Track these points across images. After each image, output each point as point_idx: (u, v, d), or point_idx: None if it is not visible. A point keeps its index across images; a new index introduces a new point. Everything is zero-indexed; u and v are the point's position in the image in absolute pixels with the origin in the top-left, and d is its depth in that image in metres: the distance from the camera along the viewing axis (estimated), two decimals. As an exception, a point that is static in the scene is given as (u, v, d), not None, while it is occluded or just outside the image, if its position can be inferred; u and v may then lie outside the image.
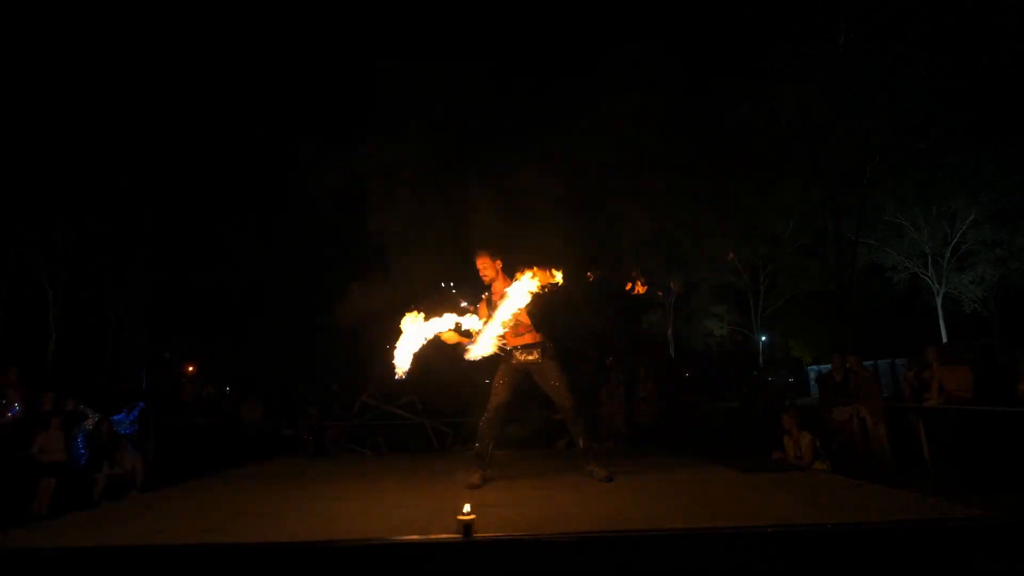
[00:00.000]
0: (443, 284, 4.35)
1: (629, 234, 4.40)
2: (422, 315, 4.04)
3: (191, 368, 21.72)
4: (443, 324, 4.03)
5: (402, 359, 4.02)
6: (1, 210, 15.23)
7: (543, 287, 3.81)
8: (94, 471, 6.03)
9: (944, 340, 18.44)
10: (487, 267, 4.02)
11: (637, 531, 2.47)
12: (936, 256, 19.31)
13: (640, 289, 4.13)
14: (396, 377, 4.04)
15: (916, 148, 16.47)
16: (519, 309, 3.85)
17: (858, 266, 18.08)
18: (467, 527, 2.34)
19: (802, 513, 2.77)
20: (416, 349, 4.02)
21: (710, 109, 17.14)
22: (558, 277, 3.83)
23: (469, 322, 4.04)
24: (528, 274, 3.80)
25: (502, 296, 3.87)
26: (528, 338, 4.01)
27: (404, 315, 4.05)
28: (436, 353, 4.15)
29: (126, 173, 17.22)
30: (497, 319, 3.85)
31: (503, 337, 3.99)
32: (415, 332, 4.00)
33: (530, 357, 3.99)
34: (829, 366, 7.06)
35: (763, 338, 25.23)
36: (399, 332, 4.04)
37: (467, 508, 2.43)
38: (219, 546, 2.48)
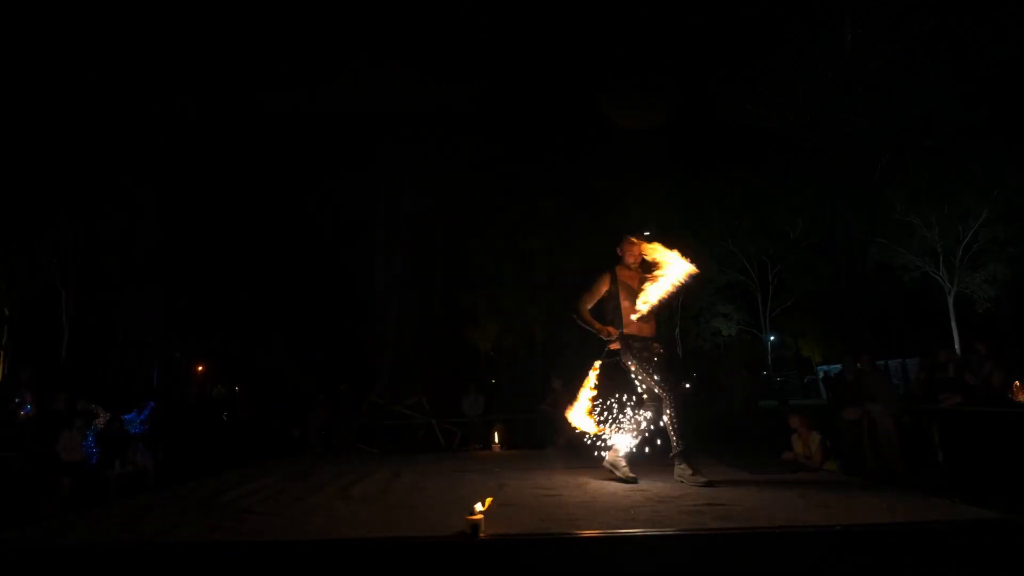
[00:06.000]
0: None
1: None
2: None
3: (201, 368, 21.86)
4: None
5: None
6: (12, 211, 15.40)
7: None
8: (106, 469, 6.10)
9: (956, 340, 18.23)
10: (639, 253, 4.00)
11: (646, 532, 2.46)
12: (948, 255, 19.10)
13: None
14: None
15: (924, 146, 16.30)
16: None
17: (868, 265, 17.90)
18: (475, 527, 2.34)
19: (811, 514, 2.75)
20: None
21: (713, 108, 17.04)
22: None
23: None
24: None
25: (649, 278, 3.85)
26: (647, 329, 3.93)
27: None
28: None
29: (131, 175, 17.35)
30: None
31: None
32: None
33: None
34: (839, 366, 7.01)
35: (772, 338, 25.08)
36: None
37: (475, 507, 2.43)
38: (227, 544, 2.49)
